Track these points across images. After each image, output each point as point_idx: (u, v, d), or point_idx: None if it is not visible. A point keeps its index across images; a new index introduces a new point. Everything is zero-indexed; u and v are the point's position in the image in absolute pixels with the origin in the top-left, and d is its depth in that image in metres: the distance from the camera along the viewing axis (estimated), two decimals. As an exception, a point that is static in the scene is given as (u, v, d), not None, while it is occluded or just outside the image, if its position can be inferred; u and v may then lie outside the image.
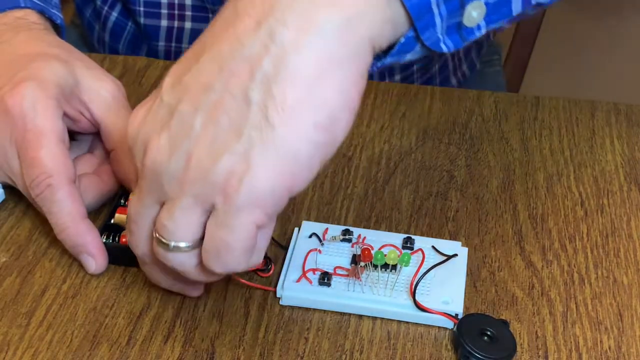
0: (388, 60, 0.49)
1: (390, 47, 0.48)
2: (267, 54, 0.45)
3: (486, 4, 0.48)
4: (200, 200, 0.46)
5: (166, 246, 0.49)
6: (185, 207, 0.47)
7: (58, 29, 0.70)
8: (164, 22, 0.90)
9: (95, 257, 0.58)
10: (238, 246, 0.47)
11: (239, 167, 0.45)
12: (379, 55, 0.49)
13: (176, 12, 0.89)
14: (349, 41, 0.45)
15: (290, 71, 0.45)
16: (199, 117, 0.46)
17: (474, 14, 0.49)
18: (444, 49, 0.49)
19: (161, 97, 0.48)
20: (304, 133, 0.45)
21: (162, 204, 0.48)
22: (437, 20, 0.48)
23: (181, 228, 0.48)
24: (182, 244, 0.48)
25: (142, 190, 0.49)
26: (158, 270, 0.53)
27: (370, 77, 0.48)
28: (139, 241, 0.51)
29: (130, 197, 0.52)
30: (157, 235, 0.49)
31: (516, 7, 0.50)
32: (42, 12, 0.68)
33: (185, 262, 0.49)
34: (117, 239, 0.59)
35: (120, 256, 0.58)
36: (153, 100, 0.49)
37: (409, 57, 0.50)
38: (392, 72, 0.91)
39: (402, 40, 0.48)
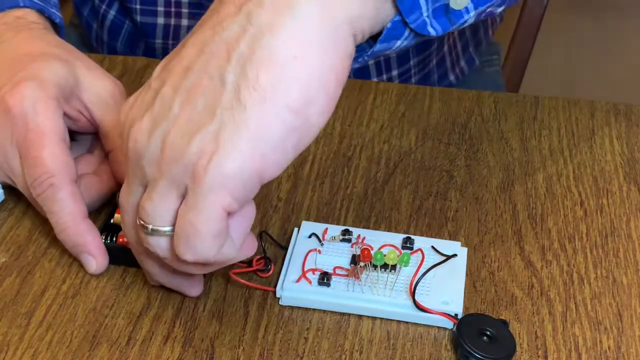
0: (377, 47, 0.49)
1: (380, 34, 0.48)
2: (244, 36, 0.45)
3: None
4: (176, 183, 0.46)
5: (145, 229, 0.48)
6: (162, 189, 0.47)
7: (57, 28, 0.70)
8: (160, 20, 0.90)
9: (95, 257, 0.58)
10: (205, 230, 0.46)
11: (209, 148, 0.45)
12: (369, 43, 0.49)
13: (172, 9, 0.89)
14: (325, 23, 0.45)
15: (266, 52, 0.45)
16: (178, 98, 0.46)
17: None
18: (432, 32, 0.49)
19: (150, 83, 0.49)
20: (276, 114, 0.45)
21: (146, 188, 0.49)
22: (422, 1, 0.48)
23: (159, 211, 0.48)
24: (161, 228, 0.48)
25: (129, 175, 0.49)
26: (153, 262, 0.53)
27: (367, 70, 0.48)
28: (130, 229, 0.51)
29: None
30: (138, 218, 0.49)
31: None
32: (41, 12, 0.68)
33: (165, 247, 0.49)
34: (116, 239, 0.59)
35: (120, 256, 0.58)
36: (143, 87, 0.49)
37: (399, 43, 0.50)
38: (390, 67, 0.90)
39: (389, 25, 0.48)
